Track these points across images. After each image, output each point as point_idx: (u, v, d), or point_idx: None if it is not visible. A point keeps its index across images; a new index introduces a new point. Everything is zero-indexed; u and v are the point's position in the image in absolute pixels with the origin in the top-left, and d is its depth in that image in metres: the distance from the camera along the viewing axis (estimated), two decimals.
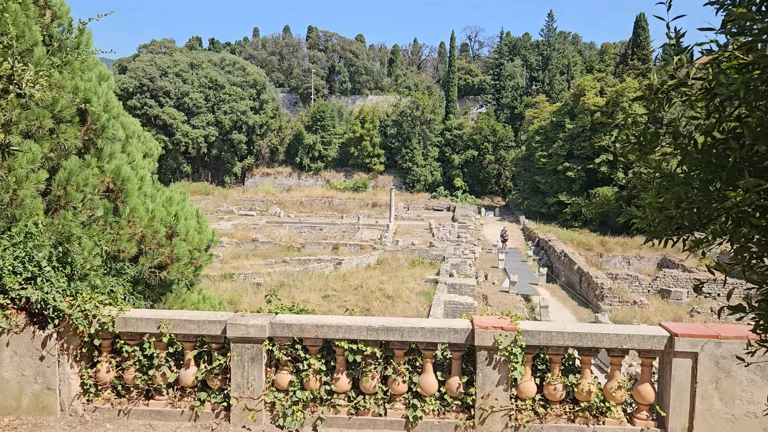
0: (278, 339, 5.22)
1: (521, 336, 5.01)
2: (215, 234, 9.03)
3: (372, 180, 75.72)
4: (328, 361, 5.32)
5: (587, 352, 5.13)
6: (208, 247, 8.80)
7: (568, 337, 5.02)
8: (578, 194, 57.33)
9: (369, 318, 5.28)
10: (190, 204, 8.97)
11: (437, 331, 5.11)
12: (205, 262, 8.77)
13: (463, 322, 5.25)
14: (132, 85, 69.75)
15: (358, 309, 25.69)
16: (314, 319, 5.25)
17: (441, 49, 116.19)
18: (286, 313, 5.46)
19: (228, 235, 45.66)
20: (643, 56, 67.06)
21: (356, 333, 5.12)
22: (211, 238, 8.85)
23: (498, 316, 5.29)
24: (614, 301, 26.67)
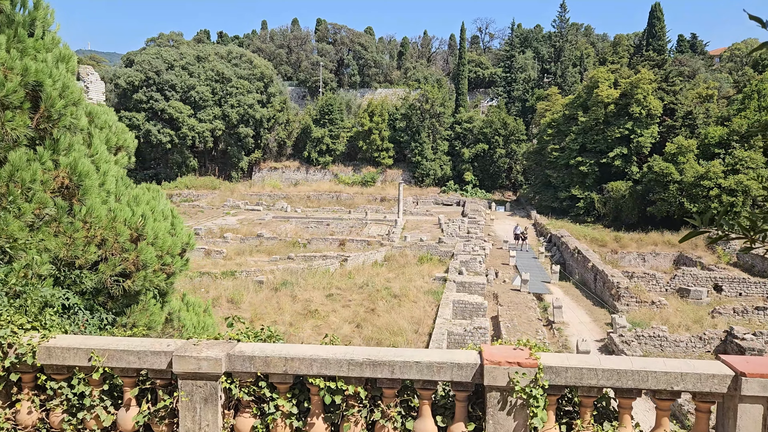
0: (238, 374, 4.19)
1: (543, 374, 3.95)
2: (191, 237, 8.00)
3: (381, 174, 74.62)
4: (301, 401, 4.29)
5: (627, 394, 4.05)
6: (183, 251, 7.78)
7: (602, 376, 3.95)
8: (591, 189, 55.96)
9: (351, 349, 4.22)
10: (165, 203, 7.97)
11: (437, 367, 4.06)
12: (180, 269, 7.77)
13: (469, 355, 4.19)
14: (138, 79, 68.95)
15: (363, 309, 24.71)
16: (283, 349, 4.20)
17: (451, 41, 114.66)
18: (250, 342, 4.42)
19: (233, 231, 44.82)
20: (659, 47, 65.46)
21: (335, 368, 4.08)
22: (187, 242, 7.82)
23: (513, 346, 4.22)
24: (631, 301, 25.46)
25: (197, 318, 9.87)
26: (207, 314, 10.44)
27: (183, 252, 7.76)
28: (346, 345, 4.48)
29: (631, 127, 54.37)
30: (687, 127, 56.07)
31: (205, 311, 10.47)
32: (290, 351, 4.16)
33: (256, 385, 4.20)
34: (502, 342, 4.36)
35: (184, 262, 7.84)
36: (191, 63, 72.68)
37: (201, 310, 10.30)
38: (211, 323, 10.13)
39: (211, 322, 10.11)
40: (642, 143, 54.07)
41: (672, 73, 59.91)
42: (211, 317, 10.36)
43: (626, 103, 54.91)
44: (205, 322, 9.96)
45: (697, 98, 58.27)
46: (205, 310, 10.53)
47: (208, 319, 10.14)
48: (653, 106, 54.16)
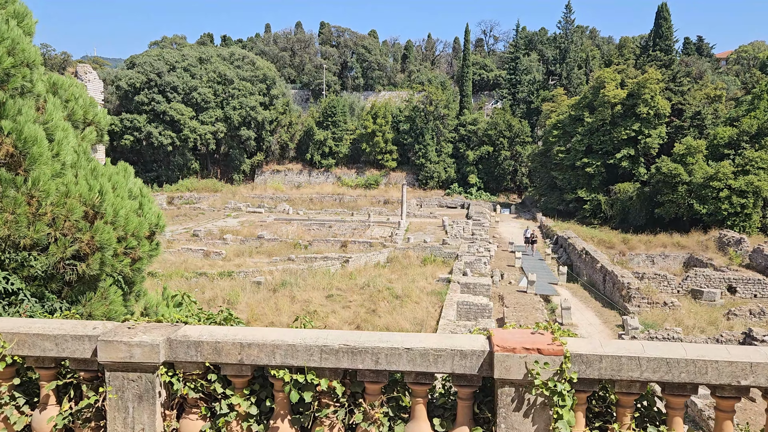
0: (182, 365, 3.32)
1: (570, 364, 3.07)
2: (161, 218, 7.13)
3: (384, 176, 73.75)
4: (262, 399, 3.41)
5: (679, 391, 3.16)
6: (153, 234, 6.92)
7: (648, 366, 3.06)
8: (598, 191, 54.93)
9: (324, 333, 3.34)
10: (135, 181, 7.13)
11: (433, 356, 3.17)
12: (149, 254, 6.91)
13: (474, 340, 3.31)
14: (139, 81, 68.36)
15: (363, 310, 23.81)
16: (238, 333, 3.32)
17: (455, 44, 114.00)
18: (199, 324, 3.54)
19: (233, 232, 44.02)
20: (666, 47, 64.42)
21: (304, 356, 3.21)
22: (156, 223, 6.95)
23: (531, 330, 3.33)
24: (642, 302, 24.46)
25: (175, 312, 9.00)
26: (187, 309, 9.57)
27: (152, 235, 6.91)
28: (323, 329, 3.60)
29: (638, 128, 53.35)
30: (695, 127, 55.07)
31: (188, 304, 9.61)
32: (248, 335, 3.27)
33: (205, 378, 3.32)
34: (516, 324, 3.46)
35: (154, 246, 6.97)
36: (193, 65, 72.08)
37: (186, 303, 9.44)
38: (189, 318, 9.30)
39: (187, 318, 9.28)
40: (650, 144, 53.06)
41: (680, 73, 58.94)
42: (190, 311, 9.50)
43: (633, 104, 53.91)
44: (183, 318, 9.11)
45: (705, 99, 57.29)
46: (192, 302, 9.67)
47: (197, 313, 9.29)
48: (661, 106, 53.15)
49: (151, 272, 28.39)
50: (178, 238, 41.59)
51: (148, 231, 6.80)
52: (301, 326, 3.67)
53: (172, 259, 32.89)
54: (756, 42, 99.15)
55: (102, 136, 8.41)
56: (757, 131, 48.47)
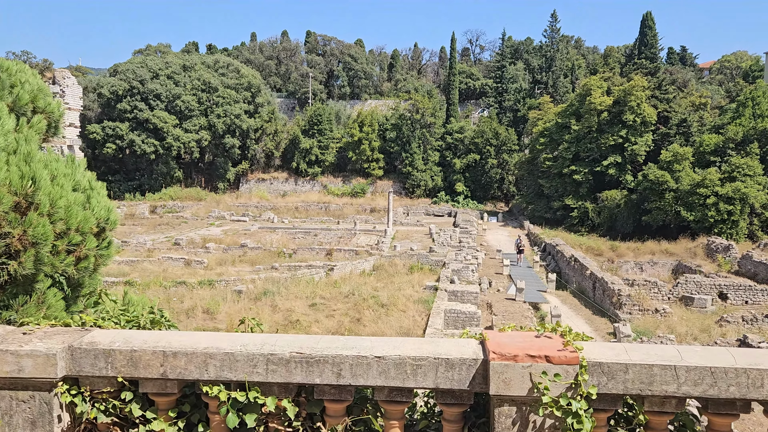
0: (89, 380, 2.59)
1: (588, 375, 2.38)
2: (112, 212, 6.37)
3: (371, 185, 73.10)
4: (194, 423, 2.69)
5: (726, 409, 2.48)
6: (103, 230, 6.18)
7: (686, 378, 2.38)
8: (585, 198, 54.63)
9: (273, 338, 2.62)
10: (84, 173, 6.38)
11: (412, 365, 2.47)
12: (99, 253, 6.16)
13: (464, 346, 2.61)
14: (122, 88, 67.26)
15: (348, 319, 23.03)
16: (162, 339, 2.60)
17: (442, 53, 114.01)
18: (114, 328, 2.82)
19: (216, 241, 43.04)
20: (651, 54, 64.62)
21: (245, 368, 2.49)
22: (106, 217, 6.20)
23: (535, 332, 2.65)
24: (634, 309, 23.91)
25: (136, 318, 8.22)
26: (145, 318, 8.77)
27: (101, 231, 6.16)
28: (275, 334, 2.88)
29: (625, 135, 53.21)
30: (681, 134, 55.05)
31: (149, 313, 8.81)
32: (173, 342, 2.56)
33: (119, 397, 2.60)
34: (515, 326, 2.77)
35: (105, 244, 6.23)
36: (177, 72, 71.14)
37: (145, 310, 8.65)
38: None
39: None
40: (636, 151, 52.92)
41: (665, 80, 59.04)
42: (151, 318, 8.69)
43: (620, 111, 53.81)
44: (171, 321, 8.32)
45: (690, 106, 57.41)
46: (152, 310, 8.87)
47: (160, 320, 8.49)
48: (647, 114, 53.07)
49: (128, 281, 27.44)
50: (159, 247, 40.55)
51: (95, 226, 6.06)
52: (248, 330, 2.95)
53: (152, 268, 31.91)
54: (738, 52, 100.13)
55: (57, 129, 7.64)
56: (743, 138, 48.49)
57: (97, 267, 6.81)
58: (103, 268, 7.35)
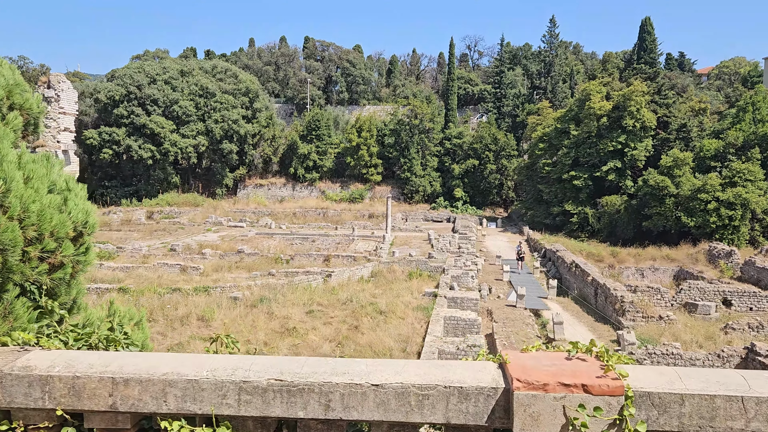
0: (22, 414, 2.13)
1: (635, 408, 1.92)
2: (90, 215, 5.91)
3: (369, 191, 72.69)
4: None
5: None
6: (80, 235, 5.71)
7: (756, 410, 1.93)
8: (585, 204, 54.21)
9: (247, 361, 2.16)
10: (61, 174, 5.94)
11: (416, 395, 2.01)
12: (75, 260, 5.70)
13: (481, 370, 2.15)
14: (119, 93, 66.83)
15: (345, 326, 22.55)
16: (112, 363, 2.14)
17: (440, 59, 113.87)
18: (61, 349, 2.36)
19: (212, 247, 42.54)
20: (651, 59, 64.40)
21: (213, 398, 2.04)
22: (84, 221, 5.74)
23: (565, 352, 2.19)
24: (637, 316, 23.45)
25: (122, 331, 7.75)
26: (139, 328, 8.29)
27: (79, 236, 5.71)
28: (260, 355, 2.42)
29: (624, 140, 52.86)
30: (681, 140, 54.73)
31: (136, 324, 8.33)
32: (126, 366, 2.10)
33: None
34: (542, 345, 2.31)
35: (82, 250, 5.78)
36: (174, 77, 70.75)
37: (130, 323, 8.18)
38: (142, 339, 8.00)
39: (141, 338, 7.97)
40: (636, 156, 52.57)
41: (665, 85, 58.76)
42: (143, 332, 8.19)
43: (619, 116, 53.49)
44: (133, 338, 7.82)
45: (690, 112, 57.14)
46: (137, 322, 8.38)
47: (137, 334, 7.99)
48: (647, 119, 52.76)
49: (122, 288, 26.93)
50: (155, 253, 40.04)
51: (72, 230, 5.61)
52: (223, 351, 2.49)
53: (147, 274, 31.38)
54: (737, 58, 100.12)
55: (36, 127, 7.20)
56: (743, 143, 48.18)
57: (75, 275, 6.37)
58: (82, 275, 6.90)
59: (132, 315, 8.93)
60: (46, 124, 37.46)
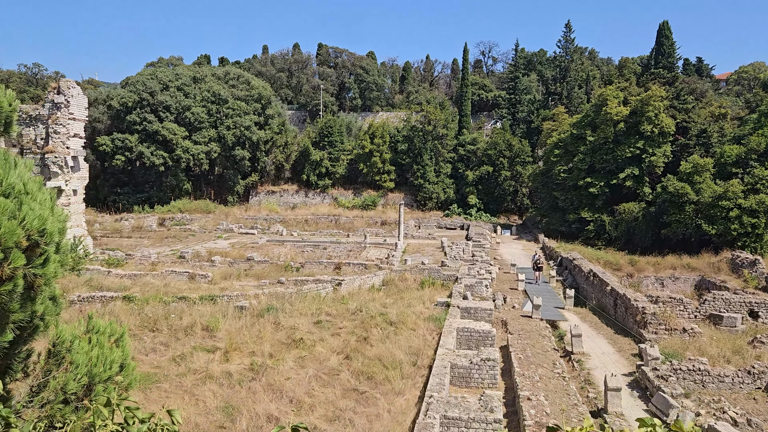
0: None
1: None
2: (48, 222, 5.16)
3: (382, 197, 72.01)
4: None
5: None
6: (36, 244, 4.97)
7: None
8: (602, 211, 53.04)
9: None
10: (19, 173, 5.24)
11: None
12: (32, 272, 4.98)
13: None
14: (131, 100, 66.88)
15: (354, 337, 21.74)
16: None
17: (454, 65, 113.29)
18: None
19: (222, 254, 42.04)
20: (669, 64, 63.22)
21: None
22: (41, 227, 5.00)
23: None
24: (660, 328, 22.39)
25: (99, 351, 7.03)
26: (118, 345, 7.57)
27: (34, 246, 4.99)
28: None
29: (642, 146, 51.69)
30: (701, 145, 53.43)
31: (116, 341, 7.61)
32: None
33: None
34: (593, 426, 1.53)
35: (39, 261, 5.06)
36: (187, 84, 70.73)
37: (109, 339, 7.47)
38: (119, 358, 7.26)
39: (118, 357, 7.24)
40: (654, 162, 51.37)
41: (684, 90, 57.53)
42: (122, 350, 7.46)
43: (637, 122, 52.37)
44: (109, 358, 7.09)
45: (710, 117, 55.84)
46: (118, 339, 7.66)
47: (114, 352, 7.26)
48: (665, 124, 51.57)
49: (127, 296, 26.36)
50: (164, 260, 39.60)
51: (24, 239, 4.91)
52: None
53: (154, 282, 30.86)
54: (756, 63, 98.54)
55: (8, 127, 6.54)
56: (766, 149, 46.83)
57: (34, 289, 5.68)
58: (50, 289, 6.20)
59: (113, 330, 8.17)
60: (56, 130, 37.23)
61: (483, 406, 14.43)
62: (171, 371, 18.09)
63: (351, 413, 15.22)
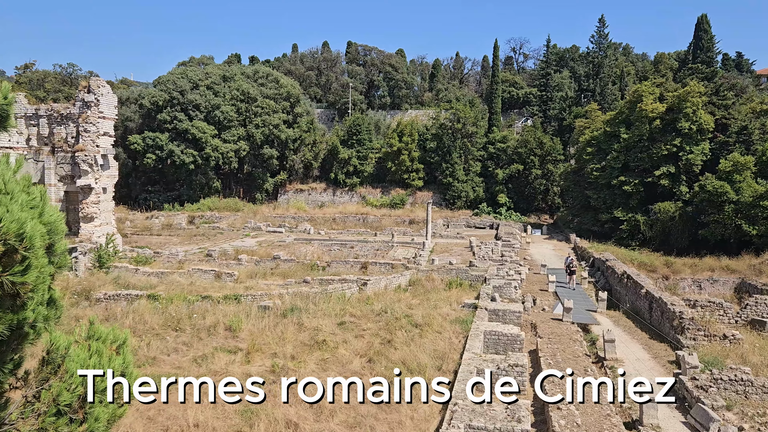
0: None
1: None
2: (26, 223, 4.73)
3: (410, 196, 71.38)
4: None
5: None
6: (12, 250, 4.50)
7: None
8: (636, 210, 51.47)
9: None
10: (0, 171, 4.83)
11: None
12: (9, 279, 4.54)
13: None
14: (162, 99, 67.54)
15: (378, 340, 21.22)
16: None
17: (484, 63, 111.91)
18: None
19: (249, 253, 41.98)
20: (707, 59, 61.15)
21: None
22: (20, 232, 4.52)
23: None
24: (698, 334, 21.33)
25: (97, 359, 6.64)
26: (120, 352, 7.17)
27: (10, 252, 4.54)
28: None
29: (679, 144, 50.02)
30: (742, 143, 51.46)
31: (119, 348, 7.22)
32: None
33: None
34: None
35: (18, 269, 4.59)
36: (216, 82, 71.14)
37: (111, 346, 7.08)
38: (120, 366, 6.86)
39: (118, 365, 6.83)
40: (692, 161, 49.65)
41: (723, 86, 55.53)
42: (124, 357, 7.05)
43: (673, 118, 50.70)
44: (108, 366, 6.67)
45: (750, 113, 53.76)
46: (120, 345, 7.26)
47: (115, 360, 6.86)
48: (704, 121, 49.80)
49: (152, 295, 26.31)
50: (191, 259, 39.71)
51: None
52: None
53: (181, 280, 30.81)
54: None
55: (5, 120, 6.19)
56: None
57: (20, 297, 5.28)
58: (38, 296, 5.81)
59: (116, 336, 7.75)
60: (86, 128, 37.58)
61: (510, 416, 13.78)
62: (191, 372, 17.83)
63: (372, 420, 14.71)
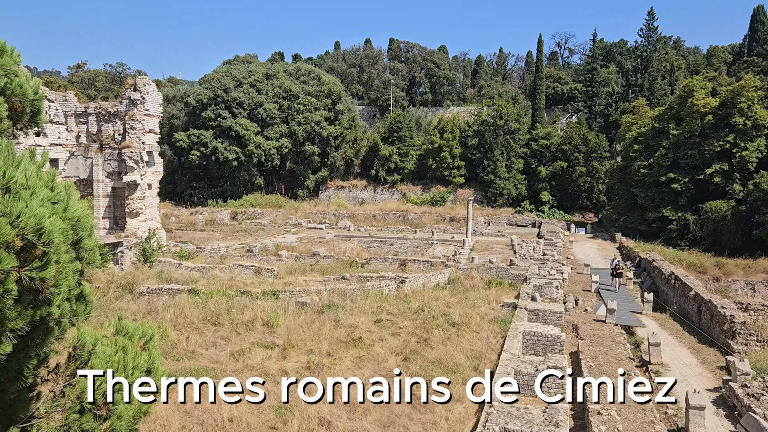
0: None
1: None
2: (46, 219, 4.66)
3: (451, 193, 70.79)
4: None
5: None
6: (31, 245, 4.44)
7: None
8: (685, 209, 49.70)
9: None
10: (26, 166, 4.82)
11: None
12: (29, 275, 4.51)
13: None
14: (206, 97, 68.82)
15: (414, 338, 21.02)
16: None
17: (528, 58, 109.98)
18: None
19: (289, 249, 42.32)
20: (764, 51, 58.56)
21: None
22: (38, 226, 4.46)
23: None
24: (750, 339, 20.36)
25: (122, 355, 6.61)
26: (147, 348, 7.14)
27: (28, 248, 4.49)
28: None
29: (733, 140, 48.02)
30: None
31: (146, 343, 7.19)
32: None
33: None
34: None
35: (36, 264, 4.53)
36: (260, 80, 72.04)
37: (138, 342, 7.06)
38: (145, 363, 6.82)
39: (144, 362, 6.80)
40: (746, 157, 47.61)
41: None
42: (150, 353, 7.02)
43: (727, 114, 48.73)
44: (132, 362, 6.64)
45: None
46: (147, 341, 7.24)
47: (141, 356, 6.83)
48: (760, 116, 47.69)
49: (193, 289, 26.76)
50: (233, 254, 40.30)
51: (17, 239, 4.44)
52: None
53: (221, 275, 31.26)
54: None
55: (35, 116, 6.23)
56: None
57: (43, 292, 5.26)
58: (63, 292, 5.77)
59: (144, 332, 7.72)
60: (132, 126, 38.50)
61: (548, 420, 13.38)
62: (228, 367, 18.00)
63: (406, 419, 14.52)
